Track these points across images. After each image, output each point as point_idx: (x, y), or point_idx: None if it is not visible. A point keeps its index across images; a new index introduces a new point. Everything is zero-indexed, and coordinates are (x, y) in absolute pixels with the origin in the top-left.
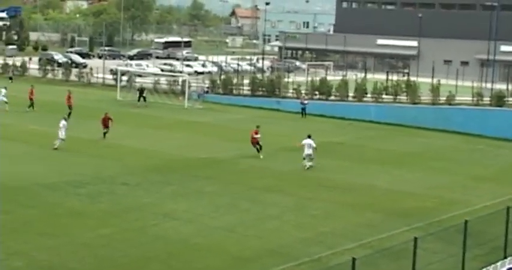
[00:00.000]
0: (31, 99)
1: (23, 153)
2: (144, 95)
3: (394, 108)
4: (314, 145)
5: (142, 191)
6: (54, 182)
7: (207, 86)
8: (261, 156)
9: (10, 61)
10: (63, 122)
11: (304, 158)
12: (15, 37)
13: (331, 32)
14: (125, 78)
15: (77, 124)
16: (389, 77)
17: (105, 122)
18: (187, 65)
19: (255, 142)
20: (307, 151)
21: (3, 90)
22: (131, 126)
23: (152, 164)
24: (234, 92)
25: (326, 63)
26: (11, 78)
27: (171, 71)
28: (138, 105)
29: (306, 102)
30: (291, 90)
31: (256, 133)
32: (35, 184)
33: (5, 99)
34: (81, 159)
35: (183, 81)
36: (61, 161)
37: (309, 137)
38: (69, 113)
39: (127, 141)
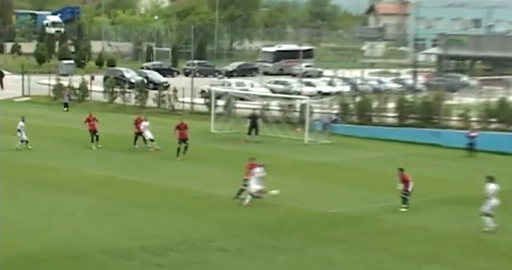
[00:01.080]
0: (139, 133)
1: (83, 209)
2: (257, 124)
3: None
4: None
5: (247, 259)
6: (127, 247)
7: (335, 112)
8: (403, 210)
9: (65, 81)
10: (258, 171)
11: (487, 214)
12: (72, 49)
13: None
14: (221, 102)
15: (154, 167)
16: None
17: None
18: (308, 84)
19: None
20: (494, 201)
21: (146, 123)
22: (230, 169)
23: (260, 222)
24: (374, 120)
25: (506, 77)
26: (66, 105)
27: (285, 92)
28: (248, 140)
29: (474, 134)
30: (455, 118)
31: (407, 181)
32: (102, 251)
33: (149, 135)
34: (162, 215)
35: (303, 106)
36: (135, 219)
37: (492, 180)
38: (181, 148)
39: (224, 190)
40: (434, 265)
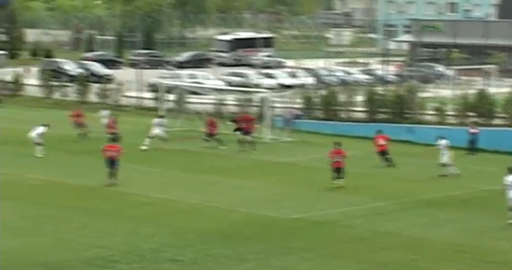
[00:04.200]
0: (113, 133)
1: (18, 219)
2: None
3: None
4: None
5: None
6: (65, 260)
7: (298, 107)
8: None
9: None
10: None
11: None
12: (4, 37)
13: (493, 18)
14: (172, 97)
15: (97, 169)
16: None
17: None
18: (268, 75)
19: None
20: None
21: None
22: (179, 170)
23: (215, 230)
24: (341, 115)
25: (486, 67)
26: None
27: (242, 84)
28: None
29: (474, 130)
30: (429, 112)
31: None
32: (35, 265)
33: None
34: (105, 222)
35: (262, 100)
36: (75, 227)
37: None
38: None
39: (174, 194)
40: None
